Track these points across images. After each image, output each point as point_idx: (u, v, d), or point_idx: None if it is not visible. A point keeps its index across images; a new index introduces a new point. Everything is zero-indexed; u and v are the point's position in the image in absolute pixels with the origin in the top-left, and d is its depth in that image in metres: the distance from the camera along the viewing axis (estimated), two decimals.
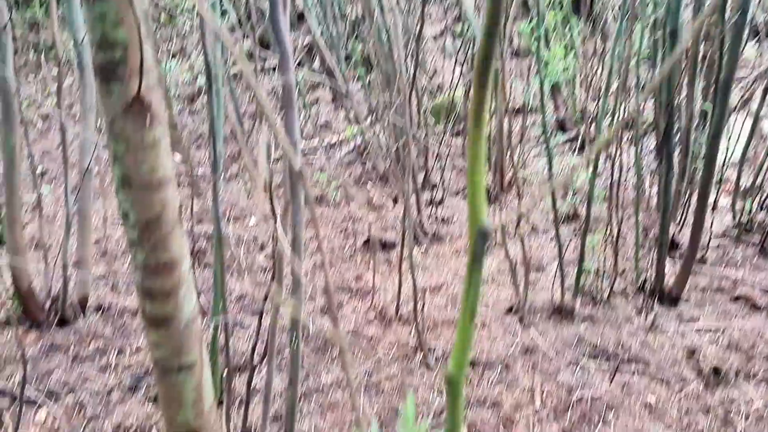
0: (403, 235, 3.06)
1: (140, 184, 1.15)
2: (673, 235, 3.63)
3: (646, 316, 3.05)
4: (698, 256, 3.32)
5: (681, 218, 3.77)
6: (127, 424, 2.46)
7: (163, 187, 1.17)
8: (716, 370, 2.67)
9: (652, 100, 4.01)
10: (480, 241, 0.42)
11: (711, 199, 3.41)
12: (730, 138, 3.83)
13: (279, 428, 2.46)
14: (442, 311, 3.22)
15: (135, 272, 1.22)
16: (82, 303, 3.14)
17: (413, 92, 4.33)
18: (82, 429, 2.43)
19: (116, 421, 2.47)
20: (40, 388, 2.63)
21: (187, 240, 1.24)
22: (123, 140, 1.12)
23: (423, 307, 3.00)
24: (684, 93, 3.60)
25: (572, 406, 2.55)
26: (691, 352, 2.81)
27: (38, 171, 4.91)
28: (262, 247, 3.98)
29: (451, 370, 0.47)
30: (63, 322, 3.08)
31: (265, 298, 2.00)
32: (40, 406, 2.55)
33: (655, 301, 3.14)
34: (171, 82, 5.25)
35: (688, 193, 3.77)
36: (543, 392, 2.64)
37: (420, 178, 4.56)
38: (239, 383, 2.66)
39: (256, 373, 2.51)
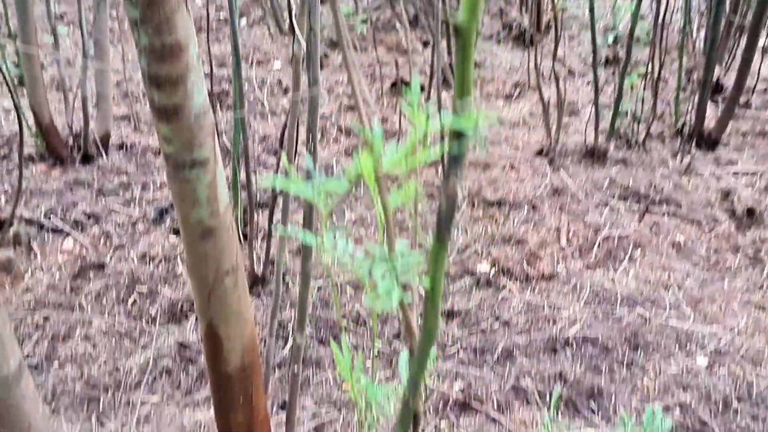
0: (431, 77, 2.92)
1: None
2: (718, 77, 3.43)
3: (682, 159, 2.94)
4: (742, 99, 3.14)
5: (727, 62, 3.55)
6: (152, 254, 2.48)
7: None
8: (750, 212, 2.59)
9: None
10: None
11: (762, 42, 3.17)
12: None
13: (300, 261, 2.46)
14: (468, 154, 3.14)
15: (140, 58, 1.14)
16: (104, 141, 3.11)
17: None
18: (108, 257, 2.47)
19: (141, 250, 2.50)
20: (66, 218, 2.65)
21: (192, 22, 1.15)
22: None
23: None
24: None
25: (598, 244, 2.51)
26: (726, 194, 2.72)
27: (54, 12, 4.76)
28: (286, 91, 3.87)
29: (461, 16, 0.39)
30: (86, 159, 3.06)
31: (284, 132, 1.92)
32: (67, 235, 2.58)
33: (693, 144, 3.02)
34: None
35: (737, 35, 3.52)
36: (569, 231, 2.59)
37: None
38: (262, 219, 2.65)
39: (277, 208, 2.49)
